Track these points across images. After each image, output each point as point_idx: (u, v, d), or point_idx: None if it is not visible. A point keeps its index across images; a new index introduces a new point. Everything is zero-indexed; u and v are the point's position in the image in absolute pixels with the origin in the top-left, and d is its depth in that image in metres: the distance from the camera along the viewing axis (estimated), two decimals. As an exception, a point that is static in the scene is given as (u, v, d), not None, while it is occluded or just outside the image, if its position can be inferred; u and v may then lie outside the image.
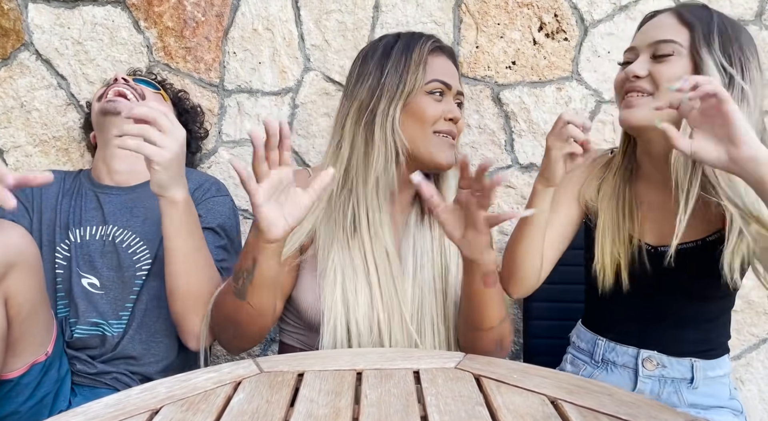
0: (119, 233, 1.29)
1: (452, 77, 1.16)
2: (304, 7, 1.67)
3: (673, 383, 1.15)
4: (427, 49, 1.14)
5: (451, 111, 1.13)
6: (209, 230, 1.27)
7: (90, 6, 1.66)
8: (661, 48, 1.03)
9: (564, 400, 0.78)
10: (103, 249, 1.28)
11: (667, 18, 1.07)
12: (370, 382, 0.83)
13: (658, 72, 1.03)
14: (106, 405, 0.77)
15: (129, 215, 1.31)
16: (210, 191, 1.35)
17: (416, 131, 1.11)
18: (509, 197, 1.73)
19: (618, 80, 1.10)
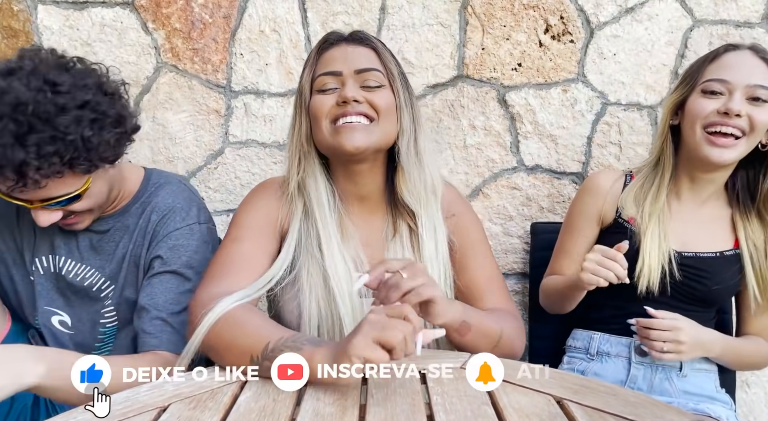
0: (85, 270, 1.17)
1: (344, 61, 1.04)
2: (311, 9, 1.68)
3: (663, 370, 1.24)
4: (315, 50, 1.10)
5: (340, 93, 1.03)
6: (171, 273, 1.11)
7: (99, 8, 1.67)
8: (759, 92, 1.13)
9: (570, 400, 0.78)
10: (72, 286, 1.17)
11: (758, 62, 1.16)
12: (376, 381, 0.83)
13: (755, 115, 1.14)
14: (115, 402, 0.77)
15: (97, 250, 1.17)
16: (172, 222, 1.15)
17: (316, 130, 1.05)
18: (514, 199, 1.73)
19: (707, 111, 1.16)
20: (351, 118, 1.02)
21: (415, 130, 1.09)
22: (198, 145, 1.72)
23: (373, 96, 1.04)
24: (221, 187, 1.73)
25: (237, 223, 1.08)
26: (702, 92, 1.18)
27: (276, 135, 1.72)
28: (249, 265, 1.01)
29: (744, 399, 1.76)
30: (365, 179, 1.10)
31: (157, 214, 1.15)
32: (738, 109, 1.12)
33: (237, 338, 0.87)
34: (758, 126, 1.14)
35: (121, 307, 1.18)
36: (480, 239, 1.18)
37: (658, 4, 1.65)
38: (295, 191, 1.08)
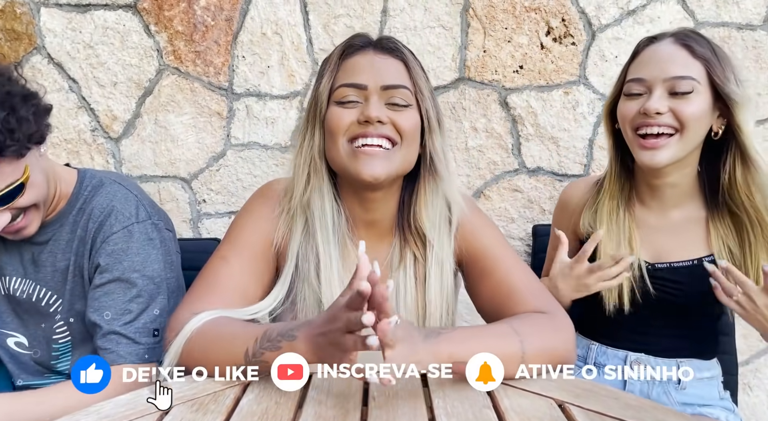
0: (33, 288, 1.14)
1: (371, 73, 0.94)
2: (313, 12, 1.68)
3: (661, 385, 1.19)
4: (338, 53, 0.98)
5: (363, 111, 0.92)
6: (114, 281, 1.06)
7: (101, 10, 1.67)
8: (680, 85, 1.05)
9: (571, 403, 0.78)
10: (23, 305, 1.14)
11: (677, 50, 1.07)
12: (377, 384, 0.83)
13: (680, 110, 1.05)
14: (117, 405, 0.77)
15: (39, 263, 1.13)
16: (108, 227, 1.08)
17: (331, 148, 0.95)
18: (516, 201, 1.73)
19: (631, 113, 1.09)
20: (372, 140, 0.91)
21: (443, 154, 0.98)
22: (200, 147, 1.73)
23: (398, 117, 0.93)
24: (223, 190, 1.73)
25: (230, 238, 0.99)
26: (625, 95, 1.11)
27: (278, 137, 1.72)
28: (236, 288, 0.94)
29: (746, 402, 1.76)
30: (377, 205, 1.00)
31: (93, 221, 1.09)
32: (656, 108, 1.04)
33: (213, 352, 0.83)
34: (687, 120, 1.04)
35: (71, 321, 1.13)
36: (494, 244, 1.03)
37: (660, 6, 1.65)
38: (298, 208, 0.98)
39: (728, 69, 1.06)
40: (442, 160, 0.98)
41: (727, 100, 1.05)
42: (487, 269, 0.99)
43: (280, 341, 0.81)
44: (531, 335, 0.87)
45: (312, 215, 0.98)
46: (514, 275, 0.98)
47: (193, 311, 0.89)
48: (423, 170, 0.99)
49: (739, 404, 1.52)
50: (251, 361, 0.81)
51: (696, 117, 1.05)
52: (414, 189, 1.00)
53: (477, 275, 1.01)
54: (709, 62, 1.05)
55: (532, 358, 0.85)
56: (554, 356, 0.88)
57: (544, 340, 0.88)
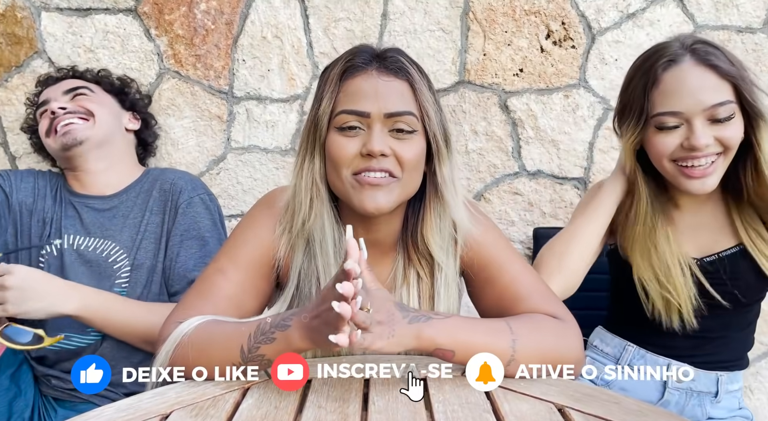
0: (99, 243, 1.29)
1: (374, 99, 0.88)
2: (313, 15, 1.68)
3: (698, 397, 1.17)
4: (338, 73, 0.91)
5: (366, 144, 0.87)
6: (192, 239, 1.28)
7: (102, 14, 1.68)
8: (720, 112, 1.01)
9: (571, 408, 0.78)
10: (80, 260, 1.27)
11: (704, 73, 1.02)
12: (377, 388, 0.83)
13: (725, 137, 1.02)
14: (118, 409, 0.77)
15: (107, 223, 1.31)
16: (186, 192, 1.32)
17: (333, 177, 0.92)
18: (516, 204, 1.73)
19: (671, 148, 1.04)
20: (375, 174, 0.88)
21: (451, 179, 0.94)
22: (200, 150, 1.73)
23: (401, 147, 0.89)
24: (223, 193, 1.73)
25: (229, 248, 0.97)
26: (657, 128, 1.05)
27: (278, 141, 1.72)
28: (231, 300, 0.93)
29: (748, 405, 1.75)
30: (380, 226, 0.97)
31: (167, 183, 1.33)
32: (705, 143, 1.00)
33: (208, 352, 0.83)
34: (730, 143, 1.02)
35: (133, 271, 1.28)
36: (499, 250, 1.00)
37: (660, 9, 1.65)
38: (297, 234, 0.95)
39: (750, 81, 1.04)
40: (448, 186, 0.94)
41: (752, 116, 1.03)
42: (492, 276, 0.97)
43: (273, 332, 0.81)
44: (526, 335, 0.86)
45: (313, 239, 0.95)
46: (520, 280, 0.96)
47: (185, 316, 0.89)
48: (429, 192, 0.95)
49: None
50: (248, 357, 0.82)
51: (738, 138, 1.03)
52: (420, 209, 0.97)
53: (482, 282, 0.99)
54: (736, 80, 1.02)
55: (524, 357, 0.85)
56: (551, 357, 0.86)
57: (540, 342, 0.87)
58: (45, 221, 1.32)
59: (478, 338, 0.85)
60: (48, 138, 1.34)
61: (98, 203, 1.33)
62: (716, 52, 1.03)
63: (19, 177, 1.36)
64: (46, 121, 1.34)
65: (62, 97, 1.36)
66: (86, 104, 1.35)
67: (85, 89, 1.39)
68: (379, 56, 0.92)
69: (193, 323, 0.86)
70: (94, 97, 1.39)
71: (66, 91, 1.37)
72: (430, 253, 0.96)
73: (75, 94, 1.37)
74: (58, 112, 1.32)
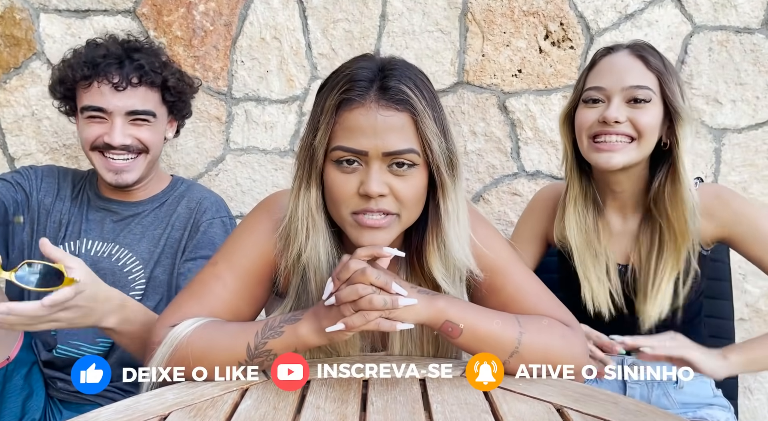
0: (116, 251, 1.27)
1: (373, 136, 0.82)
2: (312, 16, 1.68)
3: (660, 386, 1.21)
4: (334, 105, 0.84)
5: (363, 184, 0.83)
6: (203, 258, 1.22)
7: (101, 16, 1.68)
8: (638, 93, 1.10)
9: (570, 408, 0.78)
10: (95, 267, 1.22)
11: (634, 61, 1.12)
12: (376, 389, 0.83)
13: (638, 118, 1.10)
14: (116, 411, 0.77)
15: (126, 231, 1.28)
16: (209, 213, 1.30)
17: (333, 211, 0.89)
18: (515, 205, 1.73)
19: (589, 121, 1.13)
20: (374, 216, 0.84)
21: (458, 210, 0.90)
22: (199, 152, 1.73)
23: (400, 184, 0.84)
24: (222, 194, 1.72)
25: (227, 252, 0.96)
26: (583, 102, 1.15)
27: (277, 142, 1.72)
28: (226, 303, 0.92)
29: (747, 405, 1.76)
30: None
31: (193, 201, 1.30)
32: (615, 116, 1.08)
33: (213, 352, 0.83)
34: (644, 129, 1.09)
35: (149, 284, 1.25)
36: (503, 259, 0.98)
37: (658, 10, 1.65)
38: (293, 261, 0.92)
39: (676, 83, 1.12)
40: (452, 220, 0.89)
41: (673, 113, 1.10)
42: (496, 286, 0.95)
43: (282, 326, 0.84)
44: (534, 332, 0.87)
45: (308, 265, 0.91)
46: (526, 289, 0.96)
47: (178, 316, 0.89)
48: (431, 224, 0.90)
49: (740, 408, 1.52)
50: (254, 353, 0.83)
51: (652, 126, 1.10)
52: (423, 237, 0.92)
53: (486, 289, 0.96)
54: (662, 74, 1.11)
55: (528, 351, 0.86)
56: (553, 358, 0.87)
57: (546, 342, 0.87)
58: (62, 222, 1.28)
59: (487, 322, 0.87)
60: (96, 157, 1.23)
61: (122, 209, 1.30)
62: (652, 51, 1.13)
63: (40, 175, 1.31)
64: (97, 131, 1.21)
65: (124, 118, 1.21)
66: (145, 137, 1.23)
67: (149, 116, 1.24)
68: (381, 86, 0.84)
69: (191, 325, 0.86)
70: (152, 126, 1.25)
71: (130, 113, 1.21)
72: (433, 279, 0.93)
73: (137, 119, 1.22)
74: (117, 148, 1.21)
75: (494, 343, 0.86)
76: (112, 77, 1.19)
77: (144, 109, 1.22)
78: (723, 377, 1.06)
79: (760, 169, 1.69)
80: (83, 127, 1.24)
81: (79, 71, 1.19)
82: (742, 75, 1.66)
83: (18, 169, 1.31)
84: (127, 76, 1.19)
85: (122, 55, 1.21)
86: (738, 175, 1.69)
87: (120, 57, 1.20)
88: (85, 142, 1.24)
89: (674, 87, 1.11)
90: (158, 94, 1.26)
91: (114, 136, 1.19)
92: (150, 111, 1.24)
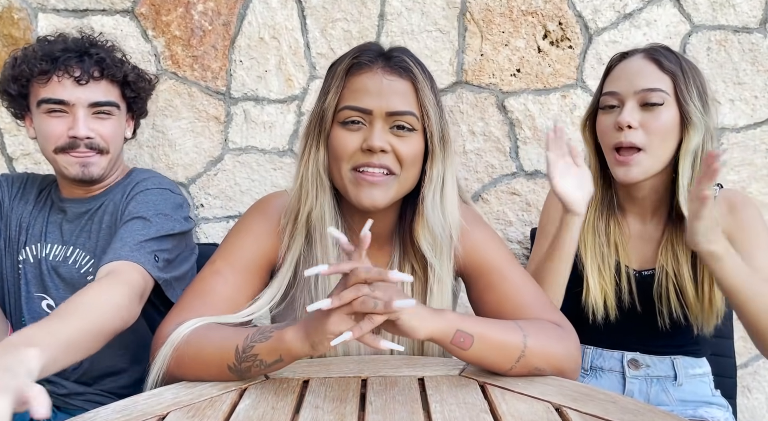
0: (71, 253, 1.23)
1: (378, 96, 0.91)
2: (310, 16, 1.68)
3: (659, 382, 1.22)
4: (344, 69, 0.94)
5: (367, 140, 0.91)
6: (135, 219, 1.14)
7: (99, 15, 1.68)
8: (650, 97, 1.09)
9: (569, 407, 0.78)
10: (56, 270, 1.22)
11: (647, 65, 1.11)
12: (374, 389, 0.83)
13: (649, 123, 1.09)
14: (114, 411, 0.77)
15: (80, 230, 1.24)
16: (145, 184, 1.22)
17: (334, 170, 0.95)
18: (514, 204, 1.73)
19: (607, 126, 1.13)
20: (373, 169, 0.91)
21: (443, 178, 0.97)
22: (197, 151, 1.73)
23: (400, 144, 0.92)
24: (221, 194, 1.73)
25: (225, 251, 0.98)
26: (600, 109, 1.16)
27: (275, 142, 1.72)
28: (228, 300, 0.94)
29: (745, 404, 1.76)
30: (377, 220, 0.93)
31: (131, 184, 1.23)
32: (627, 120, 1.08)
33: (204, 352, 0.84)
34: (654, 132, 1.08)
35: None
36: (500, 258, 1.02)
37: (657, 9, 1.65)
38: (302, 223, 0.97)
39: (694, 84, 1.10)
40: (443, 184, 0.97)
41: (685, 116, 1.09)
42: (493, 283, 0.98)
43: (272, 331, 0.82)
44: (534, 334, 0.88)
45: (314, 228, 0.97)
46: (522, 289, 0.98)
47: (180, 320, 0.89)
48: (424, 191, 0.97)
49: (738, 407, 1.52)
50: (241, 356, 0.82)
51: (665, 130, 1.09)
52: (416, 205, 0.98)
53: (482, 288, 1.00)
54: (676, 77, 1.09)
55: (532, 354, 0.86)
56: (554, 359, 0.88)
57: (546, 342, 0.88)
58: (21, 226, 1.26)
59: (495, 331, 0.87)
60: (60, 157, 1.18)
61: (75, 206, 1.25)
62: (668, 54, 1.12)
63: (11, 181, 1.29)
64: (60, 128, 1.17)
65: (86, 110, 1.17)
66: (106, 133, 1.20)
67: (112, 108, 1.21)
68: (385, 55, 0.95)
69: (192, 326, 0.87)
70: (115, 120, 1.22)
71: (93, 104, 1.18)
72: (422, 254, 0.98)
73: (100, 111, 1.19)
74: (82, 139, 1.17)
75: (504, 350, 0.85)
76: (73, 71, 1.15)
77: (107, 100, 1.19)
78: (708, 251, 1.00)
79: (759, 169, 1.69)
80: (43, 126, 1.17)
81: (37, 66, 1.14)
82: (741, 74, 1.66)
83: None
84: (88, 70, 1.16)
85: (81, 50, 1.18)
86: (736, 174, 1.69)
87: (79, 51, 1.17)
88: (47, 143, 1.17)
89: (690, 89, 1.09)
90: (119, 89, 1.23)
91: (79, 128, 1.15)
92: (113, 102, 1.21)
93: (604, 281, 1.18)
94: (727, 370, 1.36)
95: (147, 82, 1.30)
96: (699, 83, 1.11)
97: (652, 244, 1.20)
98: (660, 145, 1.10)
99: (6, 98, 1.22)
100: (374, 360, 0.95)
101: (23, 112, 1.24)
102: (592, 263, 1.19)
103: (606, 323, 1.19)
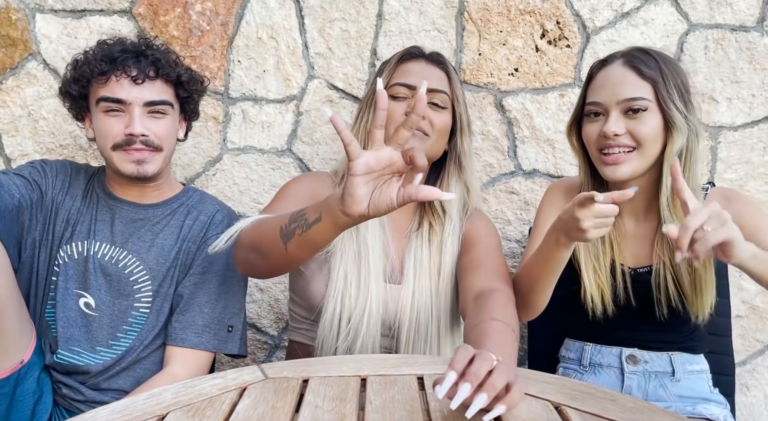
0: (123, 257, 1.24)
1: (421, 77, 1.19)
2: (308, 16, 1.68)
3: (657, 378, 1.23)
4: (397, 58, 1.26)
5: (410, 104, 1.17)
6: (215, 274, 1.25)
7: (97, 16, 1.68)
8: (633, 104, 1.13)
9: (568, 406, 0.79)
10: (102, 271, 1.23)
11: (627, 73, 1.15)
12: (374, 388, 0.83)
13: (635, 129, 1.13)
14: (113, 411, 0.77)
15: (135, 237, 1.25)
16: (221, 226, 1.28)
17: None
18: (512, 203, 1.74)
19: (593, 135, 1.18)
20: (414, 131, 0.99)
21: (469, 152, 1.26)
22: (196, 151, 1.73)
23: (434, 115, 1.20)
24: (219, 194, 1.73)
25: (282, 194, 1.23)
26: (586, 116, 1.20)
27: (274, 141, 1.72)
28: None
29: (744, 402, 1.76)
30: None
31: (205, 215, 1.30)
32: (613, 130, 1.12)
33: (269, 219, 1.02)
34: (643, 138, 1.13)
35: (156, 298, 1.25)
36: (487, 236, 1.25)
37: (654, 8, 1.66)
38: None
39: (675, 87, 1.12)
40: (467, 156, 1.26)
41: (668, 122, 1.13)
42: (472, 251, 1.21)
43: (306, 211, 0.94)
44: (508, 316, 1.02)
45: None
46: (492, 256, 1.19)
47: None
48: (449, 163, 1.26)
49: (737, 405, 1.52)
50: (293, 217, 0.95)
51: (651, 135, 1.13)
52: (439, 176, 1.27)
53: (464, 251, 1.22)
54: (656, 82, 1.13)
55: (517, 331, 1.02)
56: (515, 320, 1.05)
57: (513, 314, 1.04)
58: (68, 221, 1.25)
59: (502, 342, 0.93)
60: (117, 154, 1.21)
61: (132, 210, 1.27)
62: (646, 58, 1.15)
63: (54, 171, 1.28)
64: (118, 126, 1.20)
65: (142, 109, 1.21)
66: (161, 131, 1.23)
67: (167, 107, 1.24)
68: (429, 56, 1.28)
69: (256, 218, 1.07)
70: (169, 119, 1.26)
71: (148, 103, 1.21)
72: (443, 209, 1.23)
73: (155, 110, 1.23)
74: (137, 137, 1.20)
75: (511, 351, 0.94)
76: (130, 71, 1.20)
77: (162, 99, 1.23)
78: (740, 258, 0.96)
79: (756, 167, 1.69)
80: (101, 124, 1.21)
81: (97, 66, 1.19)
82: (738, 73, 1.66)
83: (33, 164, 1.27)
84: (144, 70, 1.21)
85: (138, 51, 1.23)
86: (734, 172, 1.70)
87: (136, 52, 1.22)
88: (105, 140, 1.21)
89: (671, 92, 1.13)
90: (173, 89, 1.27)
91: (134, 125, 1.19)
92: (167, 101, 1.24)
93: (600, 279, 1.21)
94: (725, 368, 1.37)
95: (199, 83, 1.34)
96: (680, 83, 1.15)
97: (647, 242, 1.23)
98: (649, 145, 1.14)
99: (68, 99, 1.27)
100: (373, 359, 0.95)
101: (83, 113, 1.28)
102: (587, 261, 1.21)
103: (604, 319, 1.21)
